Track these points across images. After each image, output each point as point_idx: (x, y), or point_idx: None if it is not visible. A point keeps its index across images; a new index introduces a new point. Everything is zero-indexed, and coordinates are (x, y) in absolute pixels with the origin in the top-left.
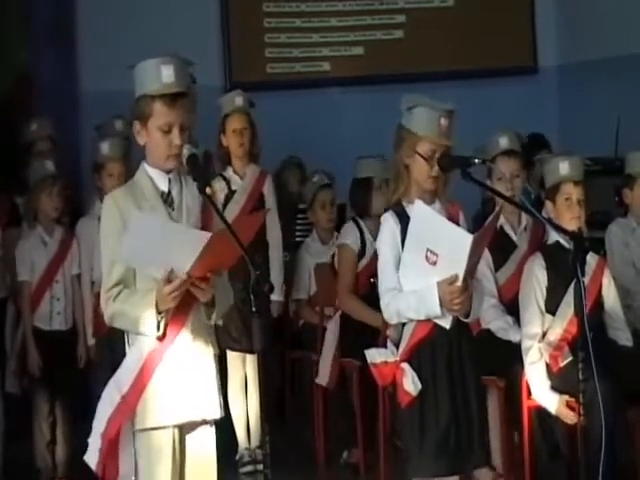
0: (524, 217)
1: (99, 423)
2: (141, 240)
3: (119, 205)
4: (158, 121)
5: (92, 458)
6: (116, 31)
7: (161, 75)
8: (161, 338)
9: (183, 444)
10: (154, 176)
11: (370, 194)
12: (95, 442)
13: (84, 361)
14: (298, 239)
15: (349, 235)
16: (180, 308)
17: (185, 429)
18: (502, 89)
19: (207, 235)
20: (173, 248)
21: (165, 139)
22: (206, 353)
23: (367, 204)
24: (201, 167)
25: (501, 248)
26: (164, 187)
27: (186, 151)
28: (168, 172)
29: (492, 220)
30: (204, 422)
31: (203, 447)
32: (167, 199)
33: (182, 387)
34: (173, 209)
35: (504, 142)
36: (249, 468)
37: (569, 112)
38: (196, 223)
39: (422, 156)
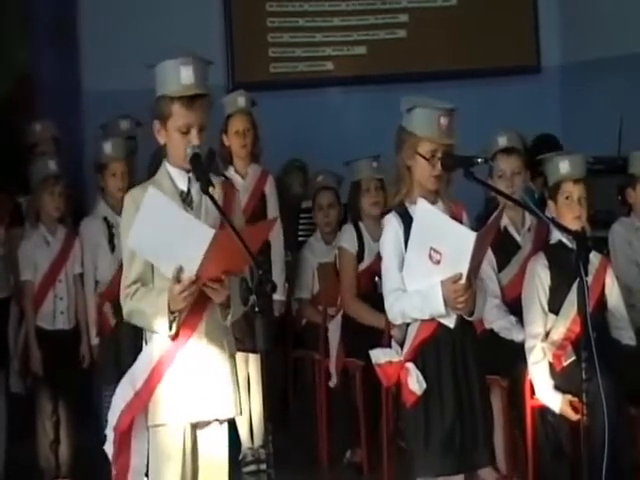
0: (528, 217)
1: (113, 416)
2: (151, 222)
3: (138, 203)
4: (177, 122)
5: (109, 449)
6: (117, 31)
7: (180, 76)
8: (174, 337)
9: (195, 442)
10: (174, 175)
11: (359, 197)
12: (110, 434)
13: (87, 360)
14: (301, 239)
15: (346, 238)
16: (195, 308)
17: (198, 427)
18: (505, 89)
19: (212, 231)
20: (181, 240)
21: (184, 140)
22: (221, 353)
23: (358, 207)
24: (204, 167)
25: (505, 249)
26: (183, 186)
27: (189, 151)
28: (188, 171)
29: (495, 218)
30: (216, 421)
31: (215, 446)
32: (186, 198)
33: (194, 386)
34: (192, 208)
35: (503, 140)
36: (252, 468)
37: (572, 111)
38: (214, 224)
39: (423, 156)
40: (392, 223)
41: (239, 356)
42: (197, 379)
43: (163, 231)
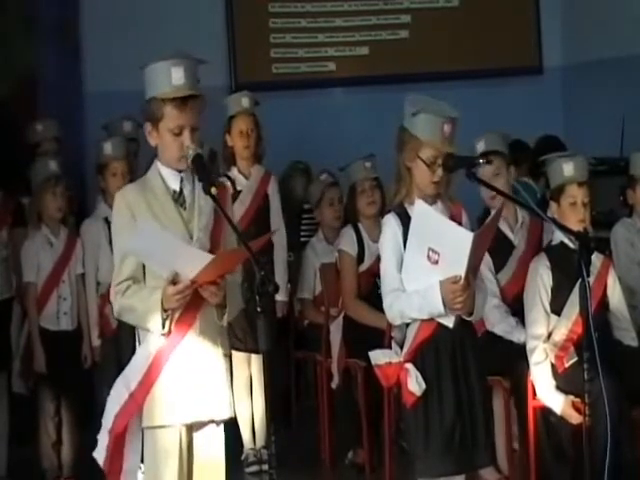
0: (520, 214)
1: (107, 420)
2: (148, 242)
3: (128, 201)
4: (169, 124)
5: (100, 454)
6: (120, 32)
7: (171, 77)
8: (167, 335)
9: (191, 443)
10: (166, 175)
11: (355, 200)
12: (103, 438)
13: (90, 361)
14: (303, 239)
15: (345, 241)
16: (189, 307)
17: (193, 428)
18: (507, 89)
19: (209, 257)
20: (177, 259)
21: (176, 141)
22: (215, 353)
23: (356, 209)
24: (206, 167)
25: (499, 249)
26: (175, 186)
27: (191, 151)
28: (180, 171)
29: (493, 218)
30: (212, 422)
31: (211, 447)
32: (178, 198)
33: (189, 386)
34: (184, 208)
35: (481, 145)
36: (254, 468)
37: (574, 112)
38: (208, 223)
39: (424, 162)
40: (391, 223)
41: (241, 356)
42: (192, 378)
43: (160, 251)
